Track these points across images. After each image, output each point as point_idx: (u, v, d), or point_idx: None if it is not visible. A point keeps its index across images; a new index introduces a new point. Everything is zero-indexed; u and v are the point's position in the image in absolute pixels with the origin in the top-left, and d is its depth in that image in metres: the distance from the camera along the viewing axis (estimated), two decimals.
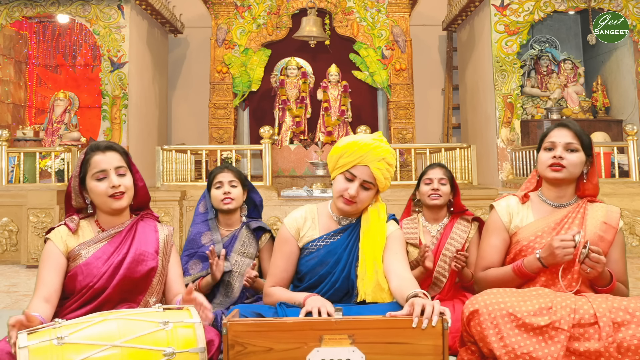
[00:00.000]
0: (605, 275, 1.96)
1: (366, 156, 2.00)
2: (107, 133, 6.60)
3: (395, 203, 5.15)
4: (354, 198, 2.02)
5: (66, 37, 7.82)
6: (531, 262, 2.00)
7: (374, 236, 2.05)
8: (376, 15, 7.62)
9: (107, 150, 2.01)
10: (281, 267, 2.13)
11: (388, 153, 2.04)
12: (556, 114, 7.08)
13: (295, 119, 7.53)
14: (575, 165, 2.07)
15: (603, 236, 2.05)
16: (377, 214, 2.10)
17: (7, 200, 5.31)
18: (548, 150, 2.11)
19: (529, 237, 2.09)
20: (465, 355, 1.92)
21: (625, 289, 2.06)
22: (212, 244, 2.55)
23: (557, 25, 8.07)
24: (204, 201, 2.69)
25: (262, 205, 2.76)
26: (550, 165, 2.08)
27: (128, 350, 1.54)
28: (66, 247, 1.98)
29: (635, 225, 5.35)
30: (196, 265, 2.57)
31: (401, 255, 2.05)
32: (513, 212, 2.16)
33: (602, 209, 2.12)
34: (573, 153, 2.08)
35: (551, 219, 2.10)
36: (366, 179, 2.02)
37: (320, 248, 2.10)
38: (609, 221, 2.08)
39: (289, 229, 2.14)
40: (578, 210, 2.10)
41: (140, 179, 2.09)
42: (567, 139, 2.09)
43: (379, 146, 2.02)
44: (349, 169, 2.02)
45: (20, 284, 4.25)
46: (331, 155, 2.11)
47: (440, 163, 2.84)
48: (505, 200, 2.21)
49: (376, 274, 2.00)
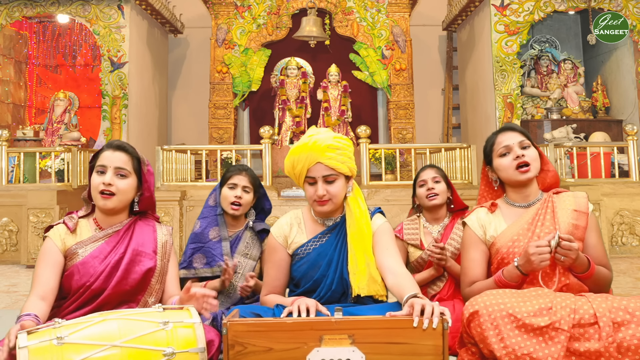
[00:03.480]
0: (582, 261, 1.95)
1: (310, 155, 1.99)
2: (107, 133, 6.60)
3: (395, 203, 5.16)
4: (324, 196, 2.01)
5: (66, 37, 7.82)
6: (510, 272, 1.98)
7: (360, 227, 2.04)
8: (376, 15, 7.62)
9: (117, 150, 2.01)
10: (273, 275, 2.13)
11: (330, 139, 2.00)
12: (556, 114, 7.08)
13: (295, 119, 7.53)
14: (536, 160, 2.10)
15: (576, 224, 2.06)
16: (357, 203, 2.08)
17: (7, 200, 5.31)
18: (504, 156, 2.11)
19: (506, 243, 2.08)
20: (465, 356, 1.91)
21: (607, 271, 2.05)
22: (219, 240, 2.55)
23: (557, 25, 8.07)
24: (214, 194, 2.66)
25: (270, 212, 2.75)
26: (517, 168, 2.08)
27: (128, 350, 1.54)
28: (64, 246, 1.98)
29: (635, 225, 5.35)
30: (200, 260, 2.55)
31: (393, 250, 2.04)
32: (485, 224, 2.16)
33: (569, 197, 2.12)
34: (528, 149, 2.10)
35: (523, 220, 2.10)
36: (325, 174, 2.00)
37: (310, 252, 2.09)
38: (578, 208, 2.08)
39: (276, 237, 2.15)
40: (547, 205, 2.10)
41: (147, 190, 2.07)
42: (519, 138, 2.11)
43: (316, 140, 2.00)
44: (306, 175, 2.01)
45: (20, 284, 4.25)
46: (287, 172, 2.10)
47: (430, 164, 2.85)
48: (475, 214, 2.20)
49: (368, 266, 1.99)
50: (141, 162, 2.06)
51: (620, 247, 5.33)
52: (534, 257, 1.89)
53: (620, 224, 5.35)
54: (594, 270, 1.99)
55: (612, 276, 2.09)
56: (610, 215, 5.34)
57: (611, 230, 5.33)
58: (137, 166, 2.04)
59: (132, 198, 2.05)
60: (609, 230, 5.29)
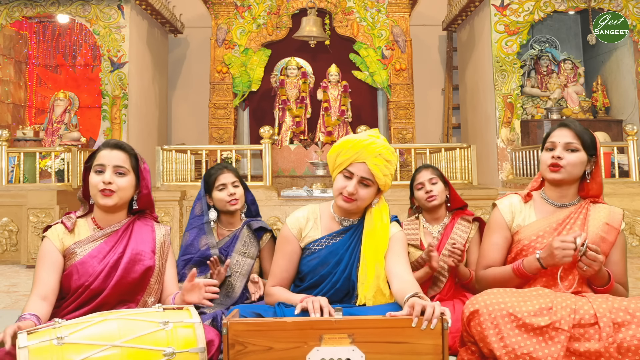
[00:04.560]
0: (603, 275, 1.95)
1: (362, 153, 2.00)
2: (107, 133, 6.60)
3: (395, 203, 5.15)
4: (353, 195, 2.02)
5: (66, 37, 7.82)
6: (530, 263, 1.99)
7: (377, 239, 2.04)
8: (376, 15, 7.62)
9: (115, 149, 2.01)
10: (282, 266, 2.13)
11: (385, 149, 2.03)
12: (556, 114, 7.08)
13: (295, 119, 7.53)
14: (574, 165, 2.06)
15: (605, 237, 2.05)
16: (380, 216, 2.09)
17: (7, 200, 5.31)
18: (549, 151, 2.11)
19: (530, 236, 2.08)
20: (465, 356, 1.91)
21: (624, 290, 2.05)
22: (208, 248, 2.52)
23: (557, 25, 8.07)
24: (199, 203, 2.63)
25: (256, 204, 2.73)
26: (549, 166, 2.08)
27: (128, 350, 1.54)
28: (62, 245, 1.98)
29: (635, 225, 5.35)
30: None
31: (403, 258, 2.05)
32: (515, 211, 2.15)
33: (604, 209, 2.11)
34: (573, 153, 2.07)
35: (553, 219, 2.09)
36: (364, 176, 2.01)
37: (322, 248, 2.10)
38: (611, 222, 2.08)
39: (291, 229, 2.14)
40: (580, 211, 2.10)
41: (145, 187, 2.08)
42: (567, 139, 2.08)
43: (374, 142, 2.02)
44: (346, 167, 2.02)
45: (20, 284, 4.25)
46: (329, 155, 2.11)
47: (425, 164, 2.84)
48: (508, 199, 2.20)
49: (377, 279, 1.99)
50: (138, 159, 2.07)
51: None
52: (557, 251, 1.88)
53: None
54: (613, 287, 1.98)
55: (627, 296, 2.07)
56: None
57: None
58: (134, 164, 2.04)
59: (131, 196, 2.05)
60: None
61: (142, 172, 2.07)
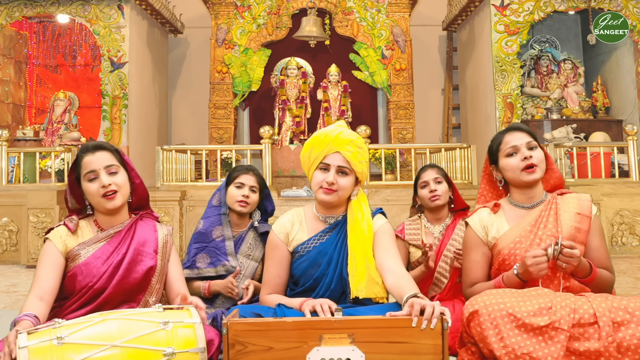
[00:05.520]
0: (585, 266, 1.95)
1: (334, 143, 2.03)
2: (107, 133, 6.60)
3: (395, 203, 5.16)
4: (333, 185, 2.03)
5: (66, 37, 7.82)
6: (510, 278, 1.98)
7: (361, 229, 2.05)
8: (376, 15, 7.62)
9: (97, 150, 2.00)
10: (274, 273, 2.14)
11: (354, 136, 2.07)
12: (556, 114, 7.08)
13: (295, 119, 7.53)
14: (542, 161, 2.09)
15: (579, 227, 2.05)
16: (360, 206, 2.10)
17: (7, 200, 5.31)
18: (511, 156, 2.10)
19: (508, 245, 2.07)
20: (465, 356, 1.91)
21: (609, 274, 2.05)
22: (223, 240, 2.54)
23: (557, 25, 8.07)
24: (218, 194, 2.65)
25: (273, 214, 2.74)
26: (524, 169, 2.07)
27: (128, 350, 1.54)
28: (65, 247, 1.98)
29: (635, 225, 5.35)
30: (204, 260, 2.54)
31: (393, 251, 2.05)
32: (487, 225, 2.14)
33: (573, 200, 2.11)
34: (535, 150, 2.09)
35: (526, 221, 2.09)
36: (341, 164, 2.04)
37: (311, 250, 2.10)
38: (582, 211, 2.07)
39: (277, 234, 2.16)
40: (550, 207, 2.09)
41: (136, 176, 2.09)
42: (526, 139, 2.10)
43: (342, 132, 2.06)
44: (322, 160, 2.05)
45: (20, 284, 4.26)
46: (302, 155, 2.13)
47: (431, 164, 2.84)
48: (477, 214, 2.19)
49: (367, 269, 2.00)
50: (120, 153, 2.07)
51: (620, 247, 5.33)
52: (532, 268, 1.88)
53: (620, 224, 5.35)
54: (596, 275, 1.98)
55: (614, 278, 2.08)
56: (610, 215, 5.34)
57: (611, 230, 5.33)
58: (120, 159, 2.05)
59: (129, 191, 2.05)
60: (609, 230, 5.29)
61: (127, 164, 2.08)
